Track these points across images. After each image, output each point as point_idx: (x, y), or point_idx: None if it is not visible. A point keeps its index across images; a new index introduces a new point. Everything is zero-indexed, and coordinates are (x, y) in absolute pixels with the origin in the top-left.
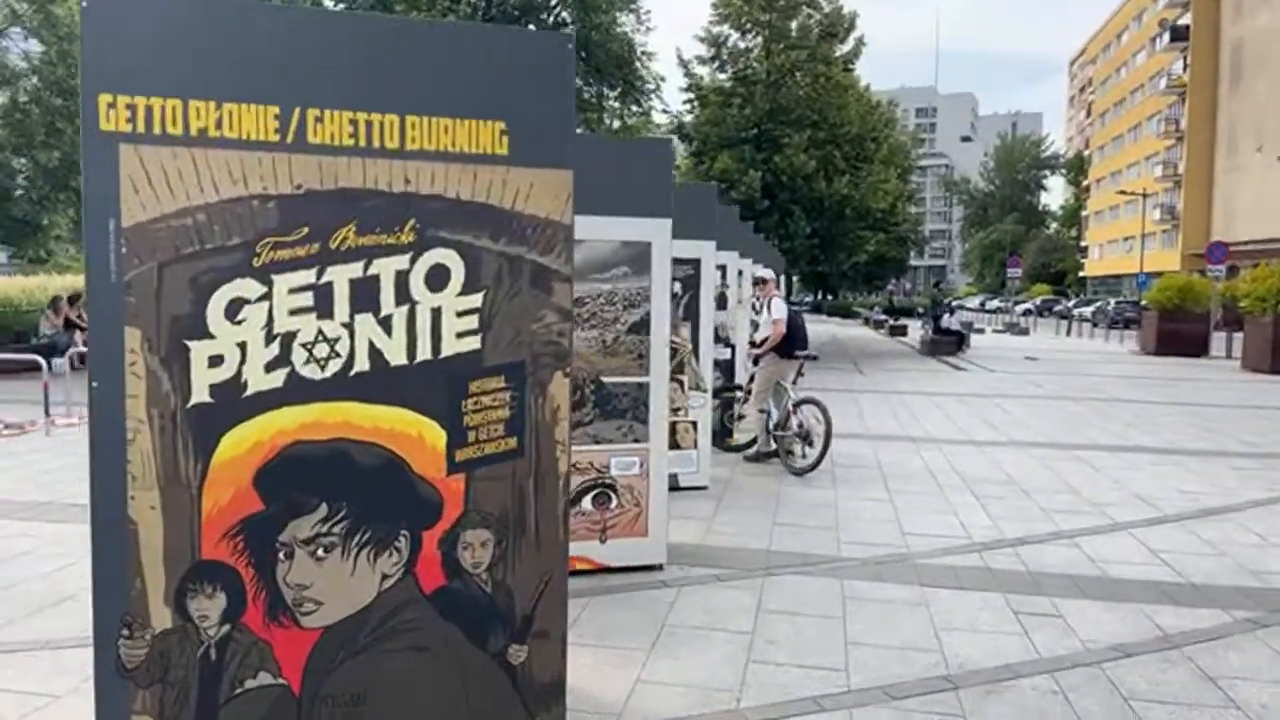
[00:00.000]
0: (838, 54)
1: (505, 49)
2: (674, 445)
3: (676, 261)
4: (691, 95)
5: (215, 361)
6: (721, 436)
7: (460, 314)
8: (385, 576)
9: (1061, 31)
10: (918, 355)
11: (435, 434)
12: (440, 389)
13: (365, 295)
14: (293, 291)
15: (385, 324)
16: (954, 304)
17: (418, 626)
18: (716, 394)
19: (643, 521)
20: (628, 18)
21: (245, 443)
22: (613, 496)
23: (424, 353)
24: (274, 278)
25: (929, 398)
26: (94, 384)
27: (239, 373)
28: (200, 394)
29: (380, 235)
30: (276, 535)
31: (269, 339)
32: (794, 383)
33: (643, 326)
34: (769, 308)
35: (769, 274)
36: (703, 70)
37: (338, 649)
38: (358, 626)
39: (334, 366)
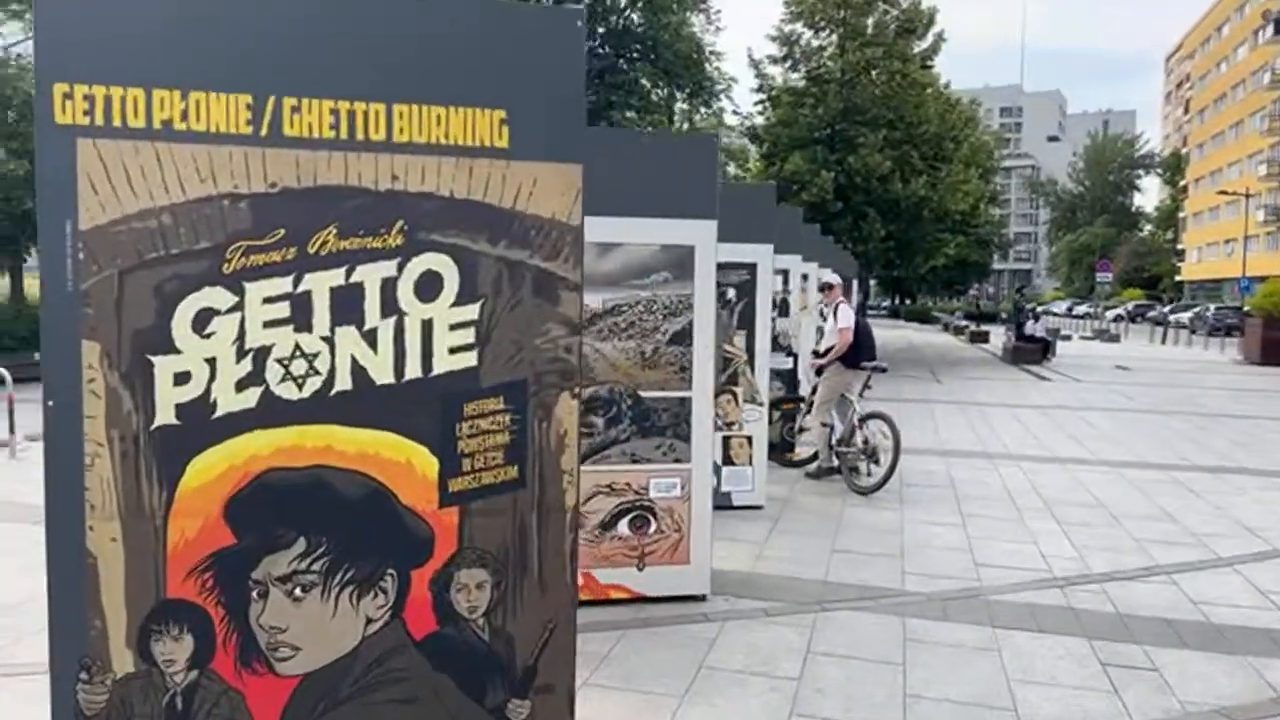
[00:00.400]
0: (915, 50)
1: (506, 27)
2: (727, 461)
3: (731, 266)
4: (763, 96)
5: (181, 379)
6: (782, 451)
7: (454, 327)
8: (370, 620)
9: (1155, 26)
10: (999, 363)
11: (426, 461)
12: (431, 411)
13: (348, 306)
14: (267, 301)
15: (370, 338)
16: (1039, 309)
17: (406, 676)
18: (776, 405)
19: (684, 548)
20: (697, 18)
21: (215, 469)
22: (651, 520)
23: (413, 370)
24: (246, 286)
25: (1009, 410)
26: (49, 402)
27: (208, 391)
28: (165, 415)
29: (364, 238)
30: (249, 572)
31: (241, 354)
32: (860, 395)
33: (685, 337)
34: (834, 314)
35: (835, 279)
36: (774, 70)
37: (317, 700)
38: (339, 675)
39: (313, 385)
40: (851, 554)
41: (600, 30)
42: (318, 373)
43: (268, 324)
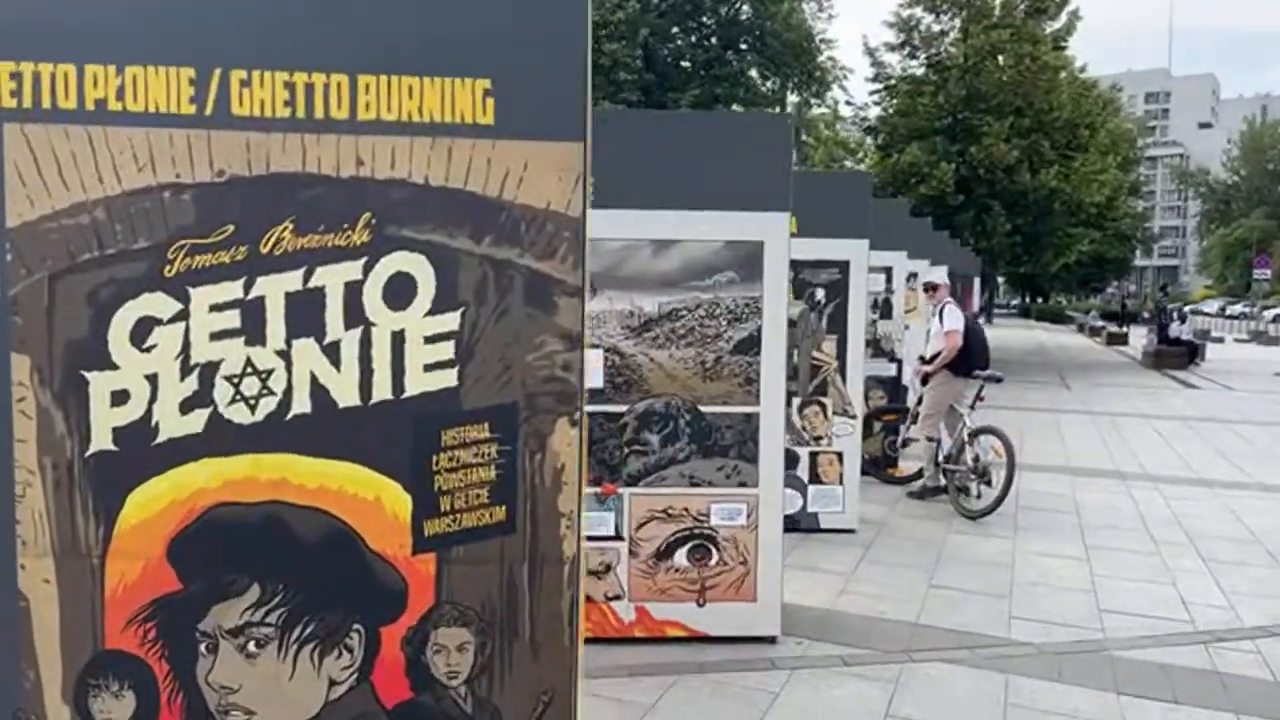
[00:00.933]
0: (1047, 31)
1: None
2: (815, 479)
3: (820, 264)
4: (879, 85)
5: (119, 398)
6: (884, 466)
7: (430, 340)
8: (334, 683)
9: None
10: (1139, 368)
11: (397, 499)
12: (403, 439)
13: (306, 315)
14: (214, 309)
15: (332, 353)
16: (1185, 309)
17: None
18: (877, 416)
19: (750, 584)
20: (808, 5)
21: (157, 503)
22: (713, 551)
23: (382, 391)
24: (190, 291)
25: (1148, 421)
26: None
27: (149, 413)
28: (101, 440)
29: (325, 235)
30: (197, 623)
31: (185, 370)
32: (971, 407)
33: (752, 345)
34: (940, 317)
35: (941, 278)
36: (891, 58)
37: None
38: None
39: (266, 407)
40: (951, 591)
41: (709, 22)
42: (272, 393)
43: (215, 335)
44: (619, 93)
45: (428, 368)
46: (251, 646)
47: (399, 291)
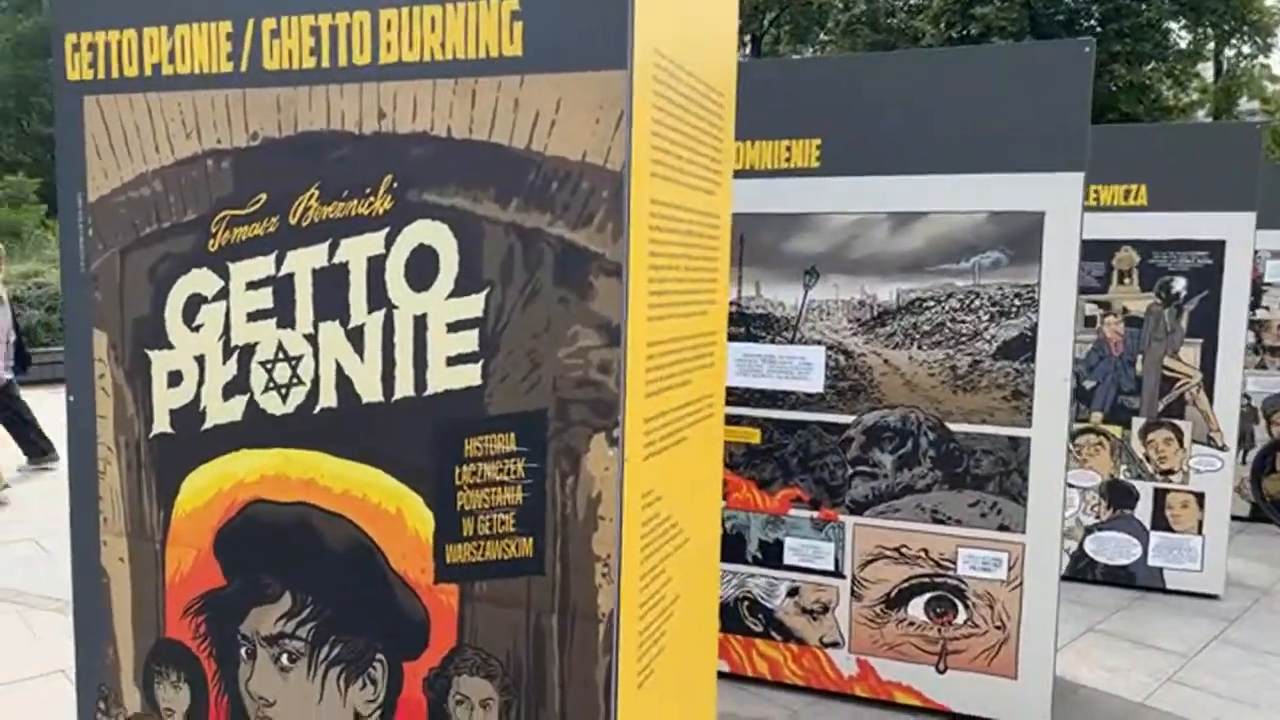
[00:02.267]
0: None
1: None
2: (1160, 525)
3: (1181, 246)
4: None
5: (174, 379)
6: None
7: (452, 327)
8: (359, 716)
9: None
10: None
11: (419, 514)
12: (425, 444)
13: (331, 294)
14: (251, 287)
15: (355, 338)
16: None
17: None
18: (1271, 454)
19: (1009, 655)
20: None
21: (206, 491)
22: (959, 606)
23: (405, 386)
24: (231, 267)
25: None
26: (70, 398)
27: (198, 397)
28: (161, 421)
29: (348, 201)
30: (239, 624)
31: (226, 352)
32: None
33: (1024, 348)
34: None
35: None
36: None
37: None
38: None
39: (296, 398)
40: None
41: None
42: (301, 382)
43: (251, 316)
44: None
45: (450, 361)
46: (285, 660)
47: (420, 268)
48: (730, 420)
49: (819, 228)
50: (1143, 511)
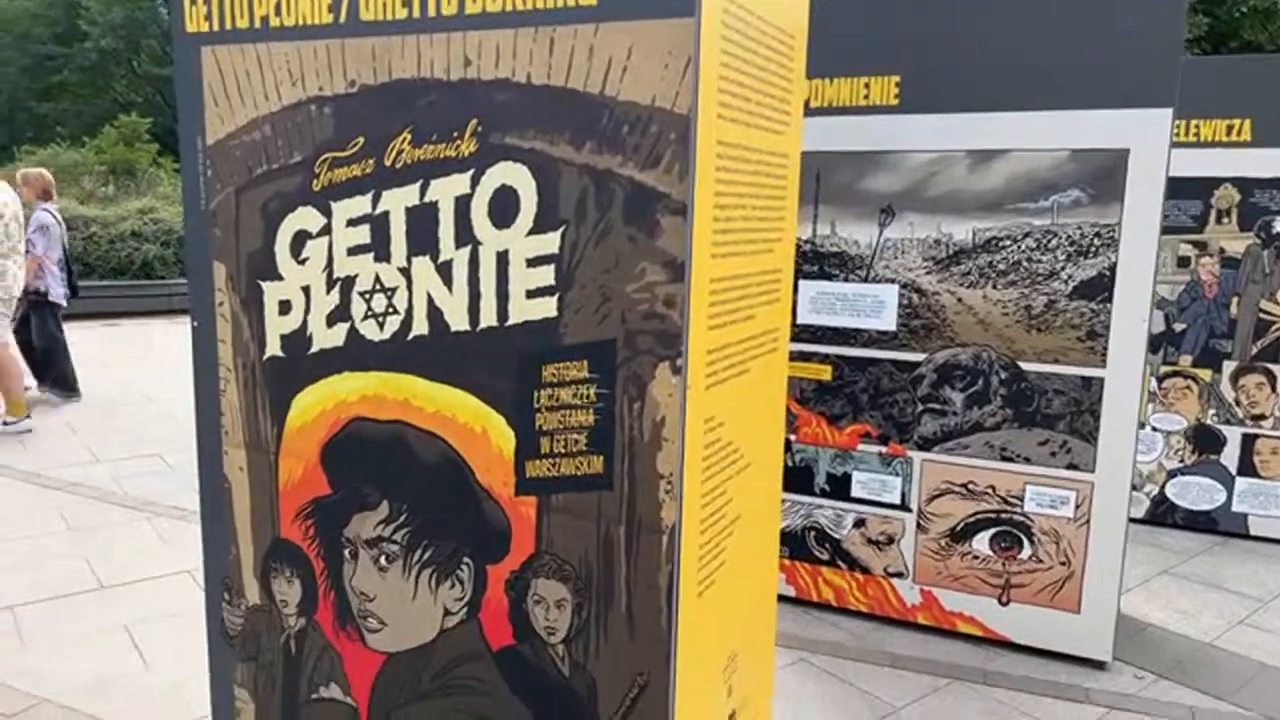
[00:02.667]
0: None
1: None
2: (1247, 470)
3: (1275, 183)
4: None
5: (284, 308)
6: None
7: (531, 263)
8: (448, 612)
9: None
10: None
11: (502, 434)
12: (508, 370)
13: (423, 231)
14: (351, 224)
15: (445, 272)
16: None
17: (484, 691)
18: None
19: (1072, 590)
20: None
21: (313, 409)
22: (1024, 542)
23: (489, 317)
24: (333, 205)
25: None
26: (194, 324)
27: (304, 324)
28: (273, 346)
29: (437, 145)
30: (342, 528)
31: (330, 284)
32: None
33: (1101, 287)
34: None
35: None
36: None
37: (401, 686)
38: (420, 665)
39: (392, 326)
40: None
41: None
42: (396, 311)
43: (351, 251)
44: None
45: (529, 294)
46: (383, 560)
47: (502, 207)
48: (802, 357)
49: (896, 166)
50: (1229, 457)
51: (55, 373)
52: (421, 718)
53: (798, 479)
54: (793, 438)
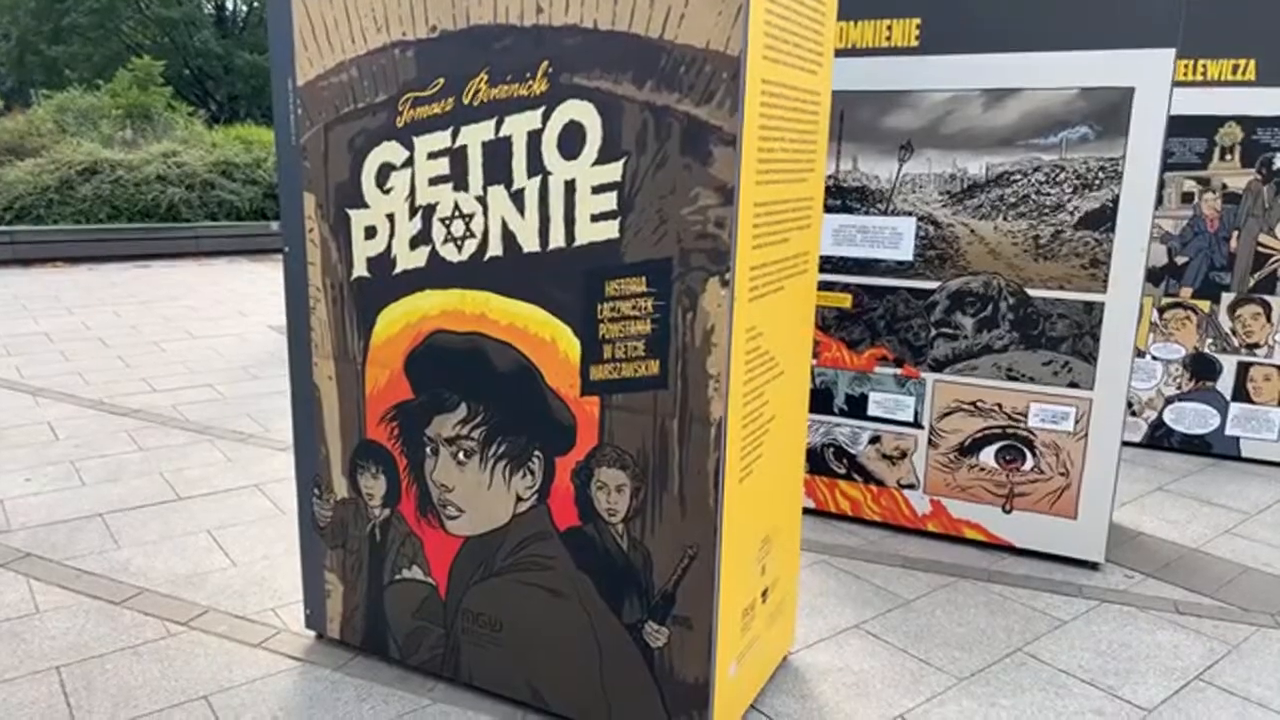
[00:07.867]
0: None
1: None
2: (1240, 396)
3: (1276, 121)
4: None
5: (370, 233)
6: None
7: (596, 190)
8: (520, 499)
9: None
10: None
11: (569, 342)
12: (574, 286)
13: (498, 163)
14: (431, 157)
15: (517, 199)
16: None
17: (551, 566)
18: None
19: (1069, 498)
20: None
21: (396, 324)
22: (1027, 455)
23: (557, 239)
24: (415, 140)
25: None
26: (285, 249)
27: (389, 248)
28: (360, 267)
29: (511, 85)
30: (424, 428)
31: (412, 212)
32: None
33: (1104, 219)
34: None
35: None
36: None
37: (477, 564)
38: (494, 546)
39: (469, 248)
40: None
41: None
42: (473, 235)
43: (432, 181)
44: None
45: (594, 218)
46: (461, 456)
47: (570, 140)
48: (825, 286)
49: (915, 104)
50: (1224, 384)
51: None
52: (495, 591)
53: (818, 400)
54: (814, 362)
